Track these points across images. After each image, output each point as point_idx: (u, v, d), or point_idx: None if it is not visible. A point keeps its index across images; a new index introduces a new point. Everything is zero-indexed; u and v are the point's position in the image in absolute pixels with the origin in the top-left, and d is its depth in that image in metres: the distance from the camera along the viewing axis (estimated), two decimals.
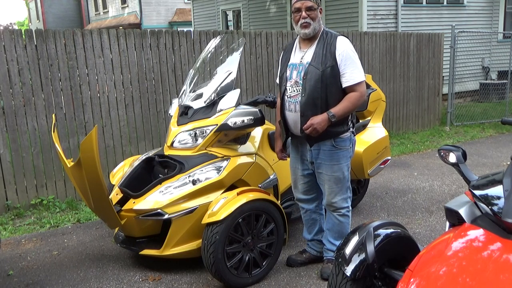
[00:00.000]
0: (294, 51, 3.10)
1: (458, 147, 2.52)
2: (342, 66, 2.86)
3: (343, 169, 3.06)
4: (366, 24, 9.04)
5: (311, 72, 2.89)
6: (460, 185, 5.23)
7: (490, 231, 1.82)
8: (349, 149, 3.08)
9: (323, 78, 2.86)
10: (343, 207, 3.14)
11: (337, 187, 3.07)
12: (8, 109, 4.57)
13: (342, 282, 2.08)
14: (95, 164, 2.69)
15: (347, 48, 2.88)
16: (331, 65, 2.85)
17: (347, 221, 3.18)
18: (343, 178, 3.07)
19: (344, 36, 2.96)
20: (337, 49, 2.87)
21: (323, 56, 2.88)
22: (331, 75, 2.86)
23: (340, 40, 2.90)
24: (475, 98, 10.79)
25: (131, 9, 24.12)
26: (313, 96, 2.89)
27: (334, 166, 3.03)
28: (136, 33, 5.25)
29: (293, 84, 3.00)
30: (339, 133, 2.98)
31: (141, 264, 3.48)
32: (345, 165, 3.07)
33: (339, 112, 2.86)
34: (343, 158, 3.04)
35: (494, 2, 11.04)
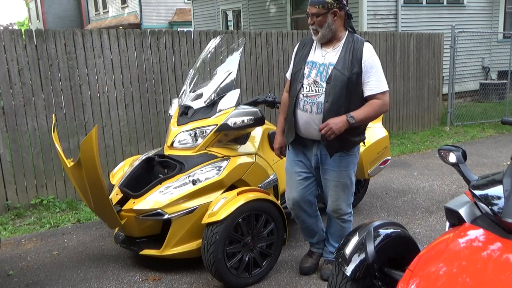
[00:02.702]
0: (314, 48, 2.92)
1: (458, 147, 2.52)
2: (367, 74, 2.74)
3: (351, 175, 2.97)
4: (366, 24, 9.04)
5: (337, 77, 2.74)
6: (460, 185, 5.23)
7: (490, 231, 1.82)
8: (357, 155, 3.00)
9: (348, 85, 2.73)
10: (347, 213, 3.09)
11: (343, 193, 2.99)
12: (8, 109, 4.57)
13: (342, 282, 2.08)
14: (95, 164, 2.69)
15: (373, 56, 2.78)
16: (357, 72, 2.73)
17: (350, 226, 3.14)
18: (350, 184, 2.99)
19: (369, 43, 2.85)
20: (363, 56, 2.75)
21: (349, 61, 2.74)
22: (356, 82, 2.74)
23: (367, 47, 2.78)
24: (475, 98, 10.79)
25: (131, 9, 24.12)
26: (338, 103, 2.74)
27: (343, 172, 2.93)
28: (136, 33, 5.25)
29: (311, 83, 2.83)
30: (355, 143, 2.90)
31: (141, 264, 3.48)
32: (353, 172, 2.98)
33: (360, 116, 2.71)
34: (351, 164, 2.95)
35: (494, 2, 11.04)
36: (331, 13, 2.75)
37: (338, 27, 2.81)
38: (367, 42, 2.82)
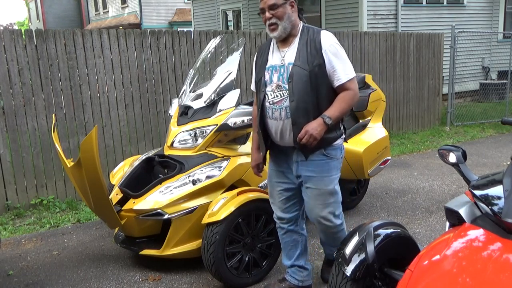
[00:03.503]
0: (272, 52, 2.71)
1: (458, 147, 2.52)
2: (330, 63, 2.52)
3: (334, 181, 2.70)
4: (366, 24, 9.04)
5: (298, 73, 2.53)
6: (460, 185, 5.23)
7: (490, 231, 1.82)
8: (340, 160, 2.73)
9: (311, 79, 2.51)
10: (337, 225, 2.76)
11: (328, 203, 2.70)
12: (8, 109, 4.57)
13: (342, 282, 2.08)
14: (95, 164, 2.69)
15: (333, 43, 2.55)
16: (319, 63, 2.51)
17: (343, 233, 2.82)
18: (335, 192, 2.71)
19: (326, 30, 2.65)
20: (322, 45, 2.53)
21: (308, 54, 2.53)
22: (320, 74, 2.52)
23: (324, 35, 2.57)
24: (475, 98, 10.79)
25: (131, 9, 24.12)
26: (304, 100, 2.53)
27: (325, 178, 2.66)
28: (136, 33, 5.25)
29: (274, 89, 2.61)
30: (332, 139, 2.64)
31: (141, 264, 3.48)
32: (336, 177, 2.71)
33: (335, 114, 2.52)
34: (334, 169, 2.69)
35: (494, 2, 11.04)
36: (289, 3, 2.59)
37: (295, 19, 2.64)
38: (324, 30, 2.64)
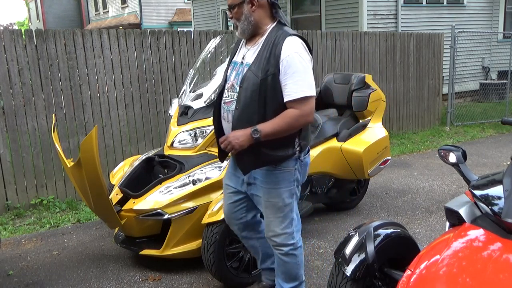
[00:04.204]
0: (241, 47, 2.52)
1: (458, 147, 2.52)
2: (284, 76, 2.24)
3: (283, 195, 2.42)
4: (366, 24, 9.04)
5: (249, 79, 2.30)
6: (460, 185, 5.23)
7: (490, 231, 1.82)
8: (294, 171, 2.42)
9: (261, 88, 2.26)
10: (286, 245, 2.50)
11: (275, 217, 2.46)
12: (8, 109, 4.57)
13: (342, 282, 2.08)
14: (95, 164, 2.69)
15: (293, 53, 2.23)
16: (273, 72, 2.24)
17: (295, 261, 2.56)
18: (283, 206, 2.44)
19: (297, 37, 2.31)
20: (281, 54, 2.24)
21: (265, 60, 2.27)
22: (272, 86, 2.25)
23: (288, 42, 2.25)
24: (475, 98, 10.79)
25: (131, 9, 24.12)
26: (249, 110, 2.30)
27: (272, 190, 2.42)
28: (136, 33, 5.25)
29: (229, 88, 2.45)
30: (277, 158, 2.36)
31: (141, 264, 3.48)
32: (286, 191, 2.43)
33: (267, 129, 2.23)
34: (283, 181, 2.41)
35: (494, 2, 11.04)
36: (247, 2, 2.33)
37: (259, 18, 2.36)
38: (293, 36, 2.30)
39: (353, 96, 4.18)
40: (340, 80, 4.38)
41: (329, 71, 6.90)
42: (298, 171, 2.45)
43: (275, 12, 2.39)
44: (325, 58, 6.95)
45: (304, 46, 2.30)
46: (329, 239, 3.88)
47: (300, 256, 2.59)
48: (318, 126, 4.01)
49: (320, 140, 3.95)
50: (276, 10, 2.39)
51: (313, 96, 2.27)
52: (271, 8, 2.38)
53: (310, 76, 2.28)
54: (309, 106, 2.26)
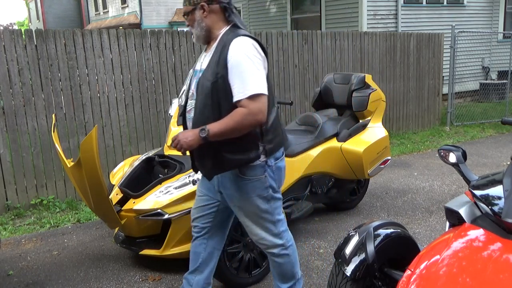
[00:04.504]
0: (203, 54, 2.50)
1: (458, 147, 2.52)
2: (231, 76, 2.20)
3: (256, 202, 2.40)
4: (366, 24, 9.04)
5: (202, 84, 2.31)
6: (460, 185, 5.23)
7: (490, 231, 1.82)
8: (264, 179, 2.37)
9: (213, 92, 2.24)
10: (275, 246, 2.51)
11: (254, 224, 2.47)
12: (8, 109, 4.57)
13: (342, 282, 2.08)
14: (95, 164, 2.69)
15: (239, 53, 2.20)
16: (222, 75, 2.22)
17: (288, 260, 2.57)
18: (260, 212, 2.43)
19: (247, 37, 2.26)
20: (228, 55, 2.21)
21: (215, 63, 2.26)
22: (223, 88, 2.22)
23: (235, 43, 2.23)
24: (475, 98, 10.79)
25: (131, 9, 24.12)
26: (204, 115, 2.29)
27: (245, 200, 2.41)
28: (136, 33, 5.25)
29: (190, 96, 2.44)
30: (242, 162, 2.30)
31: (141, 264, 3.48)
32: (260, 198, 2.40)
33: (215, 129, 2.18)
34: (254, 190, 2.37)
35: (494, 2, 11.04)
36: (198, 9, 2.33)
37: (211, 24, 2.35)
38: (242, 36, 2.26)
39: (353, 96, 4.19)
40: (340, 80, 4.38)
41: (329, 71, 6.90)
42: (270, 178, 2.40)
43: (228, 16, 2.37)
44: (325, 58, 6.95)
45: (254, 46, 2.25)
46: (329, 239, 3.88)
47: (293, 254, 2.58)
48: (318, 126, 4.01)
49: (320, 140, 3.95)
50: (229, 13, 2.37)
51: (262, 94, 2.20)
52: (224, 12, 2.36)
53: (259, 75, 2.22)
54: (257, 105, 2.18)
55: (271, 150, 2.37)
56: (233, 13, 2.38)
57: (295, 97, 6.69)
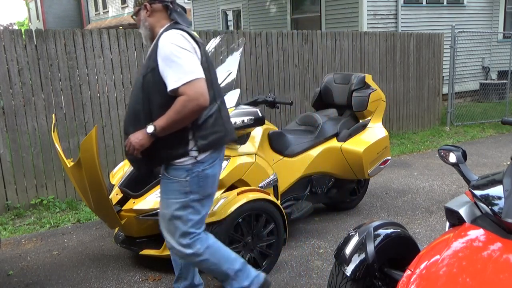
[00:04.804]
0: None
1: (458, 147, 2.52)
2: (163, 67, 2.22)
3: (172, 206, 2.36)
4: (366, 24, 9.04)
5: (136, 79, 2.37)
6: (460, 185, 5.23)
7: (490, 231, 1.82)
8: (185, 183, 2.33)
9: (143, 86, 2.28)
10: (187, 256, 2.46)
11: (166, 229, 2.44)
12: (8, 109, 4.57)
13: (342, 282, 2.08)
14: (95, 164, 2.69)
15: (167, 43, 2.22)
16: (152, 67, 2.26)
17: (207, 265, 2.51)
18: (172, 218, 2.38)
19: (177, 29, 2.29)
20: (158, 47, 2.25)
21: (148, 58, 2.32)
22: (152, 80, 2.26)
23: (164, 35, 2.26)
24: (475, 98, 10.79)
25: (131, 9, 24.11)
26: (135, 108, 2.33)
27: (164, 199, 2.40)
28: (136, 33, 5.24)
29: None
30: (173, 156, 2.31)
31: (141, 264, 3.48)
32: (177, 203, 2.35)
33: (160, 122, 2.21)
34: (173, 192, 2.34)
35: (494, 2, 11.04)
36: (143, 8, 2.41)
37: (153, 22, 2.40)
38: (172, 30, 2.29)
39: (353, 96, 4.19)
40: (340, 80, 4.38)
41: (329, 71, 6.91)
42: (193, 184, 2.33)
43: (170, 14, 2.40)
44: (325, 58, 6.95)
45: (183, 36, 2.26)
46: (329, 239, 3.88)
47: (211, 256, 2.48)
48: (318, 126, 4.01)
49: (320, 140, 3.95)
50: (171, 11, 2.40)
51: (197, 78, 2.19)
52: (166, 11, 2.40)
53: (190, 62, 2.21)
54: (194, 89, 2.18)
55: (204, 146, 2.32)
56: (175, 11, 2.41)
57: (295, 97, 6.69)
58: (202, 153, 2.34)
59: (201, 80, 2.21)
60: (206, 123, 2.32)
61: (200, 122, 2.30)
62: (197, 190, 2.36)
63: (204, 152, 2.34)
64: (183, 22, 2.40)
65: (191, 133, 2.30)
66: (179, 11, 2.42)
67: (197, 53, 2.29)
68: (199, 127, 2.31)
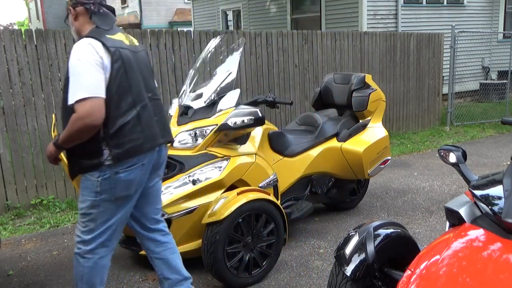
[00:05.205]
0: None
1: (458, 147, 2.52)
2: (69, 79, 2.21)
3: (85, 203, 2.33)
4: (366, 24, 9.04)
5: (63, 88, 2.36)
6: (460, 185, 5.23)
7: (490, 231, 1.82)
8: (96, 182, 2.28)
9: (64, 95, 2.27)
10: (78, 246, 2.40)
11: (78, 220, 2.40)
12: (8, 109, 4.57)
13: (342, 282, 2.08)
14: None
15: (73, 57, 2.18)
16: (67, 77, 2.24)
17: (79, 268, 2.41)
18: (84, 214, 2.35)
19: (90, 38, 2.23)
20: (69, 59, 2.23)
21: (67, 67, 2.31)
22: (65, 91, 2.25)
23: (74, 47, 2.22)
24: (475, 98, 10.79)
25: (131, 9, 24.12)
26: (62, 119, 2.40)
27: (80, 194, 2.38)
28: (136, 33, 5.25)
29: None
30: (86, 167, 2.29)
31: (141, 264, 3.48)
32: (88, 200, 2.32)
33: (62, 135, 2.27)
34: (86, 189, 2.32)
35: (494, 2, 11.04)
36: (69, 13, 2.38)
37: (79, 26, 2.37)
38: (84, 38, 2.24)
39: (353, 96, 4.19)
40: (340, 80, 4.38)
41: (329, 71, 6.91)
42: (104, 185, 2.29)
43: (90, 17, 2.34)
44: (325, 58, 6.95)
45: (91, 46, 2.20)
46: (329, 239, 3.88)
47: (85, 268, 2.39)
48: (318, 126, 4.01)
49: (320, 140, 3.95)
50: (91, 15, 2.34)
51: (90, 97, 2.13)
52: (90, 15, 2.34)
53: (89, 78, 2.15)
54: (84, 108, 2.13)
55: (119, 155, 2.26)
56: (96, 14, 2.35)
57: (295, 97, 6.69)
58: (119, 162, 2.28)
59: (94, 100, 2.15)
60: (121, 132, 2.26)
61: (112, 131, 2.25)
62: (108, 191, 2.31)
63: (120, 161, 2.28)
64: (103, 25, 2.33)
65: (104, 143, 2.26)
66: (102, 12, 2.37)
67: (104, 64, 2.21)
68: (112, 136, 2.25)
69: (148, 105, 2.41)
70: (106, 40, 2.26)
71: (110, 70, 2.23)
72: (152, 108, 2.45)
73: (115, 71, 2.24)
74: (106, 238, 2.39)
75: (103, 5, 2.38)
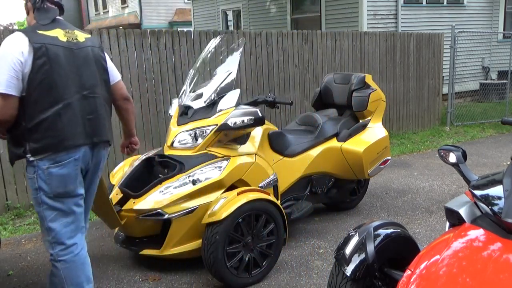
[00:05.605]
0: None
1: (458, 147, 2.52)
2: None
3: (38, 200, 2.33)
4: (366, 24, 9.04)
5: None
6: (460, 185, 5.23)
7: (490, 231, 1.82)
8: (34, 179, 2.31)
9: None
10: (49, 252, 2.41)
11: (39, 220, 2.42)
12: None
13: (342, 282, 2.08)
14: None
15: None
16: None
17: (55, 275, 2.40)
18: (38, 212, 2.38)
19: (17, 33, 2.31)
20: None
21: None
22: None
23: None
24: (475, 98, 10.79)
25: (131, 9, 24.13)
26: None
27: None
28: (136, 33, 5.24)
29: None
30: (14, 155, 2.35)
31: (141, 264, 3.48)
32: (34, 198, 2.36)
33: None
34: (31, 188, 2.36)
35: (494, 2, 11.04)
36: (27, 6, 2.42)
37: (29, 21, 2.44)
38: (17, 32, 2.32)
39: (353, 96, 4.19)
40: (340, 80, 4.38)
41: (329, 71, 6.90)
42: (41, 180, 2.30)
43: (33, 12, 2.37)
44: (325, 58, 6.95)
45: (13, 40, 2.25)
46: (329, 239, 3.88)
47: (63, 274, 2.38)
48: (318, 126, 4.01)
49: (320, 140, 3.95)
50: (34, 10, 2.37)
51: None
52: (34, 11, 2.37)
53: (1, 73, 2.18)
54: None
55: (36, 150, 2.27)
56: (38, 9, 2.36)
57: (295, 97, 6.69)
58: (37, 156, 2.28)
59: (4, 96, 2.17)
60: (39, 127, 2.26)
61: (30, 126, 2.26)
62: (46, 187, 2.32)
63: (37, 155, 2.28)
64: (41, 21, 2.34)
65: (23, 136, 2.28)
66: (45, 7, 2.37)
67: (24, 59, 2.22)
68: (29, 130, 2.27)
69: (74, 103, 2.36)
70: (34, 35, 2.26)
71: (30, 66, 2.22)
72: (83, 106, 2.40)
73: (37, 67, 2.23)
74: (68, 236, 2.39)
75: (48, 0, 2.38)
